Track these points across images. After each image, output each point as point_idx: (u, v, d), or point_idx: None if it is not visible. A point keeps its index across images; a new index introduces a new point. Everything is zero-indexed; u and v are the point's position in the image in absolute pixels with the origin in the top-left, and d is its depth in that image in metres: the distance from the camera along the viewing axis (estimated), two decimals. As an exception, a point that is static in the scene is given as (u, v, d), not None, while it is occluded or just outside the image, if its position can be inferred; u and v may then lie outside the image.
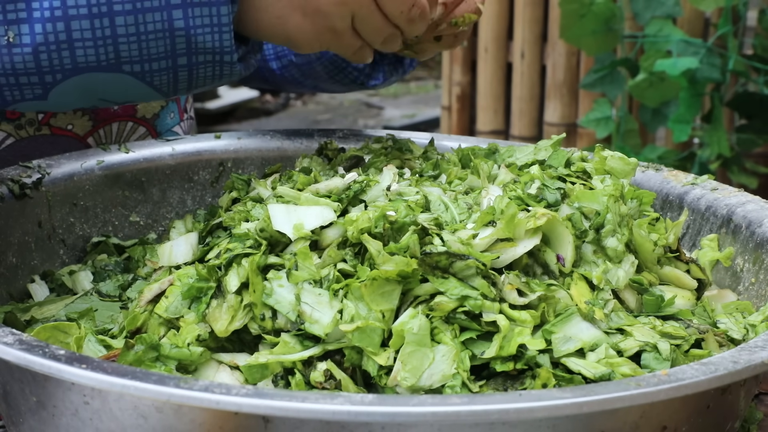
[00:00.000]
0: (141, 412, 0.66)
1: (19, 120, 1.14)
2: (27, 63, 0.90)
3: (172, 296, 0.82)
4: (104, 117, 1.19)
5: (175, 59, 0.92)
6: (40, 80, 0.91)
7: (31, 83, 0.91)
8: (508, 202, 0.82)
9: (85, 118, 1.17)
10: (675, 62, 2.57)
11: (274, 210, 0.83)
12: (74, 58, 0.90)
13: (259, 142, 1.17)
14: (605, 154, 0.96)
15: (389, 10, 0.96)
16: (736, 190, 1.01)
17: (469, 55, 3.58)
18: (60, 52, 0.89)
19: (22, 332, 0.69)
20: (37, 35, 0.88)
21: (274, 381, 0.75)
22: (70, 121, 1.16)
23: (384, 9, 0.96)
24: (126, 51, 0.90)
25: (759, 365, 0.67)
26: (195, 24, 0.90)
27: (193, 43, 0.92)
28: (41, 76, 0.90)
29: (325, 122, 6.06)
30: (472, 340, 0.75)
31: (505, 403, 0.61)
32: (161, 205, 1.12)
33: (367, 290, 0.75)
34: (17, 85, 0.91)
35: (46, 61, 0.90)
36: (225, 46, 0.92)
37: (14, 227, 0.98)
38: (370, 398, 0.61)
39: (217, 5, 0.90)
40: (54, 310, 0.91)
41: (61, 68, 0.90)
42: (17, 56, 0.89)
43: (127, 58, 0.91)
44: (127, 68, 0.92)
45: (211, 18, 0.91)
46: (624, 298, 0.83)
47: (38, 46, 0.89)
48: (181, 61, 0.93)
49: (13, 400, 0.74)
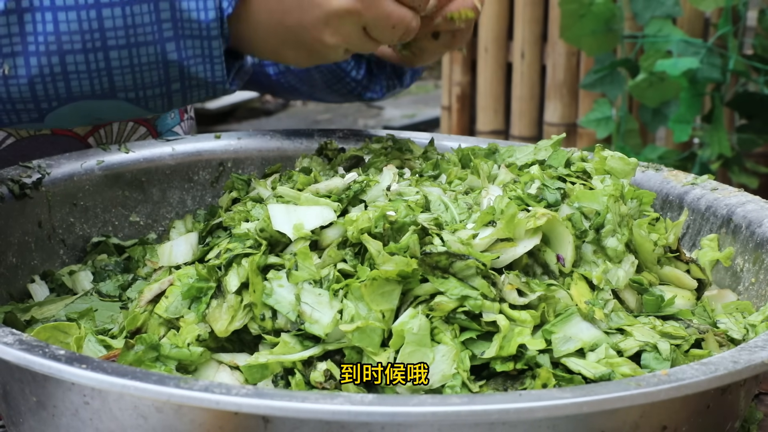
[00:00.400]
0: (141, 412, 0.66)
1: None
2: (23, 93, 0.92)
3: (172, 296, 0.82)
4: None
5: (169, 86, 0.94)
6: (36, 107, 0.93)
7: (27, 109, 0.93)
8: (508, 202, 0.82)
9: None
10: (675, 62, 2.57)
11: (274, 210, 0.83)
12: (69, 89, 0.92)
13: (259, 142, 1.17)
14: (605, 154, 0.96)
15: (377, 35, 0.97)
16: (736, 190, 1.01)
17: (469, 55, 3.58)
18: (55, 83, 0.91)
19: (22, 332, 0.69)
20: (32, 68, 0.90)
21: (274, 381, 0.75)
22: None
23: (372, 34, 0.97)
24: (120, 81, 0.92)
25: (759, 365, 0.67)
26: (187, 55, 0.92)
27: (186, 72, 0.94)
28: (37, 104, 0.93)
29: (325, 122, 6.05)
30: (472, 340, 0.75)
31: (505, 403, 0.61)
32: (161, 205, 1.12)
33: (367, 290, 0.75)
34: (14, 110, 0.94)
35: (41, 92, 0.91)
36: (217, 77, 0.95)
37: (14, 227, 0.98)
38: (370, 398, 0.61)
39: (208, 39, 0.92)
40: (54, 310, 0.91)
41: (56, 97, 0.92)
42: (13, 87, 0.91)
43: (122, 88, 0.93)
44: (122, 95, 0.94)
45: (203, 50, 0.92)
46: (624, 298, 0.83)
47: (33, 78, 0.91)
48: (174, 87, 0.95)
49: (13, 400, 0.73)
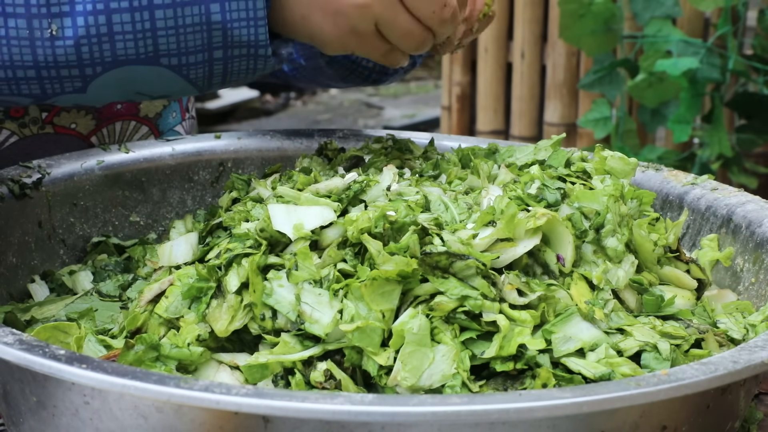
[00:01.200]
0: (141, 412, 0.66)
1: (22, 118, 1.14)
2: (69, 55, 0.91)
3: (172, 296, 0.82)
4: (107, 116, 1.19)
5: (212, 52, 0.94)
6: (80, 73, 0.92)
7: (71, 76, 0.92)
8: (508, 202, 0.82)
9: (88, 117, 1.18)
10: (675, 62, 2.57)
11: (274, 210, 0.83)
12: (114, 51, 0.91)
13: (259, 142, 1.17)
14: (605, 154, 0.96)
15: (420, 12, 0.95)
16: (736, 190, 1.01)
17: (469, 55, 3.58)
18: (101, 44, 0.91)
19: (22, 332, 0.69)
20: (79, 28, 0.90)
21: (274, 381, 0.75)
22: (74, 120, 1.17)
23: (414, 11, 0.95)
24: (164, 44, 0.92)
25: (759, 365, 0.67)
26: (231, 18, 0.92)
27: (229, 36, 0.93)
28: (82, 68, 0.92)
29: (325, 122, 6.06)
30: (472, 340, 0.75)
31: (505, 403, 0.61)
32: (161, 205, 1.12)
33: (367, 290, 0.75)
34: (58, 78, 0.92)
35: (87, 54, 0.91)
36: (260, 40, 0.94)
37: (14, 227, 0.98)
38: (370, 398, 0.61)
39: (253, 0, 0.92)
40: (54, 310, 0.91)
41: (101, 61, 0.92)
42: (59, 49, 0.90)
43: (165, 51, 0.92)
44: (164, 61, 0.93)
45: (247, 12, 0.92)
46: (624, 298, 0.83)
47: (80, 39, 0.90)
48: (216, 55, 0.94)
49: (13, 400, 0.74)
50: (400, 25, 0.95)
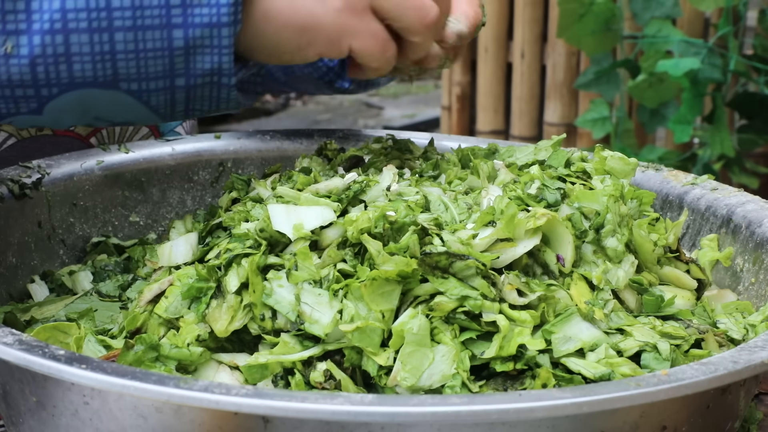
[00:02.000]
0: (141, 412, 0.66)
1: None
2: (23, 75, 0.88)
3: (172, 296, 0.82)
4: None
5: (173, 79, 0.91)
6: (35, 93, 0.89)
7: (26, 96, 0.89)
8: (508, 202, 0.82)
9: None
10: (677, 63, 2.56)
11: (274, 210, 0.83)
12: (71, 72, 0.88)
13: (259, 142, 1.17)
14: (605, 155, 0.96)
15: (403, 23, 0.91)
16: (735, 190, 1.01)
17: (469, 55, 3.58)
18: (57, 65, 0.88)
19: (22, 332, 0.69)
20: (35, 47, 0.87)
21: (274, 381, 0.75)
22: None
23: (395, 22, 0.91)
24: (124, 68, 0.89)
25: (759, 365, 0.67)
26: (195, 44, 0.89)
27: (191, 63, 0.90)
28: (37, 89, 0.89)
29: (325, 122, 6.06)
30: (472, 340, 0.75)
31: (505, 403, 0.61)
32: (161, 205, 1.12)
33: (367, 290, 0.75)
34: (12, 97, 0.90)
35: (42, 74, 0.88)
36: (224, 68, 0.91)
37: (14, 227, 0.98)
38: (369, 398, 0.61)
39: (218, 27, 0.88)
40: (54, 311, 0.91)
41: (57, 82, 0.89)
42: (14, 67, 0.87)
43: (125, 76, 0.89)
44: (124, 86, 0.90)
45: (211, 39, 0.89)
46: (624, 298, 0.83)
47: (35, 58, 0.87)
48: (178, 82, 0.91)
49: (13, 401, 0.73)
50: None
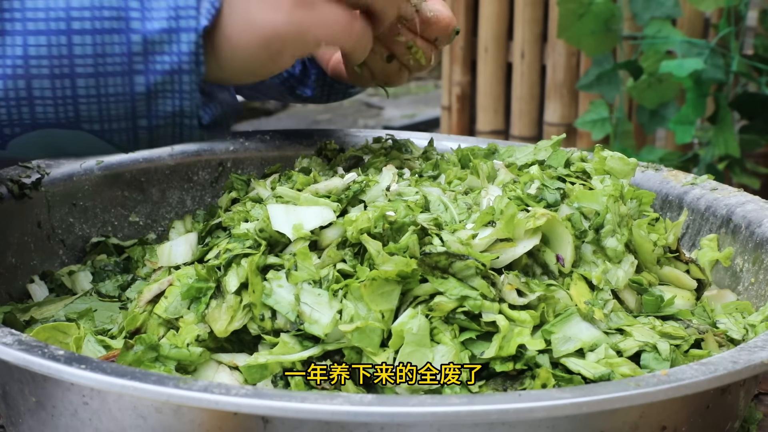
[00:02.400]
0: (140, 412, 0.66)
1: None
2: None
3: (172, 296, 0.82)
4: None
5: (135, 121, 0.92)
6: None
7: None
8: (508, 203, 0.82)
9: None
10: (681, 63, 2.56)
11: (274, 210, 0.83)
12: (33, 115, 0.90)
13: (258, 142, 1.17)
14: (605, 155, 0.96)
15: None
16: (735, 190, 1.01)
17: (469, 55, 3.58)
18: (20, 108, 0.89)
19: (22, 332, 0.69)
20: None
21: (274, 381, 0.75)
22: None
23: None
24: (86, 111, 0.90)
25: (758, 365, 0.67)
26: (157, 90, 0.90)
27: (153, 107, 0.91)
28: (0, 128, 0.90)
29: (325, 122, 6.05)
30: (471, 341, 0.75)
31: (504, 403, 0.61)
32: (161, 205, 1.12)
33: (367, 290, 0.75)
34: None
35: (5, 115, 0.89)
36: (186, 112, 0.91)
37: (14, 227, 0.98)
38: (369, 398, 0.61)
39: (179, 74, 0.89)
40: (53, 311, 0.91)
41: (20, 122, 0.90)
42: None
43: (87, 118, 0.90)
44: (86, 126, 0.91)
45: (173, 85, 0.90)
46: (623, 299, 0.83)
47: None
48: (141, 123, 0.92)
49: (13, 401, 0.73)
50: None
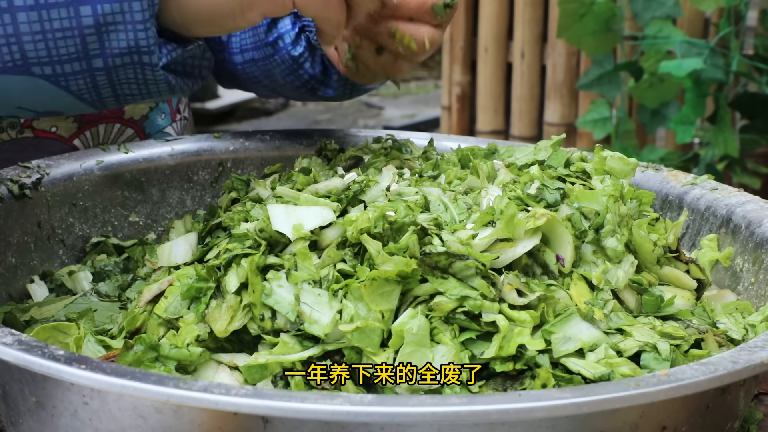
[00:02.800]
0: (140, 412, 0.66)
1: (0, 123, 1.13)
2: None
3: (172, 296, 0.82)
4: (90, 119, 1.18)
5: (89, 61, 0.85)
6: None
7: None
8: (508, 203, 0.82)
9: (69, 120, 1.16)
10: (680, 63, 2.56)
11: (274, 210, 0.83)
12: None
13: (258, 142, 1.17)
14: (605, 155, 0.96)
15: None
16: (735, 190, 1.01)
17: (469, 55, 3.58)
18: None
19: (22, 332, 0.69)
20: None
21: (274, 381, 0.75)
22: (54, 123, 1.15)
23: None
24: (32, 50, 0.83)
25: (758, 365, 0.67)
26: (106, 21, 0.82)
27: (106, 42, 0.84)
28: None
29: (325, 122, 6.06)
30: (471, 341, 0.75)
31: (504, 403, 0.61)
32: (161, 205, 1.12)
33: (367, 290, 0.75)
34: None
35: None
36: (141, 45, 0.84)
37: (13, 227, 0.98)
38: (369, 398, 0.61)
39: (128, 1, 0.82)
40: (53, 311, 0.91)
41: None
42: None
43: (35, 59, 0.84)
44: (36, 70, 0.84)
45: (123, 15, 0.82)
46: (623, 299, 0.83)
47: None
48: (96, 64, 0.85)
49: (13, 401, 0.73)
50: None
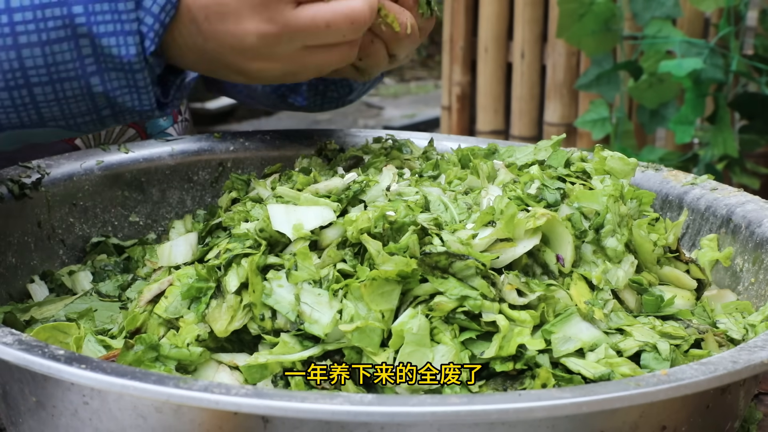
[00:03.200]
0: (140, 412, 0.66)
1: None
2: None
3: (172, 296, 0.82)
4: None
5: (99, 113, 0.94)
6: None
7: None
8: (508, 202, 0.82)
9: None
10: (680, 63, 2.56)
11: (274, 210, 0.83)
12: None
13: (258, 142, 1.17)
14: (605, 155, 0.96)
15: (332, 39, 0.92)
16: (735, 190, 1.01)
17: (469, 55, 3.58)
18: None
19: (22, 332, 0.69)
20: None
21: (274, 381, 0.75)
22: None
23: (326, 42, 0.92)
24: (48, 113, 0.92)
25: (758, 365, 0.67)
26: (113, 87, 0.92)
27: (114, 104, 0.93)
28: None
29: (325, 122, 6.05)
30: (471, 340, 0.75)
31: (504, 403, 0.61)
32: (161, 205, 1.12)
33: (367, 290, 0.75)
34: None
35: None
36: (145, 106, 0.94)
37: (14, 227, 0.98)
38: (369, 398, 0.61)
39: (132, 72, 0.91)
40: (53, 311, 0.91)
41: None
42: None
43: (51, 118, 0.93)
44: (52, 124, 0.94)
45: (128, 81, 0.91)
46: (624, 298, 0.83)
47: None
48: (105, 113, 0.94)
49: (13, 401, 0.73)
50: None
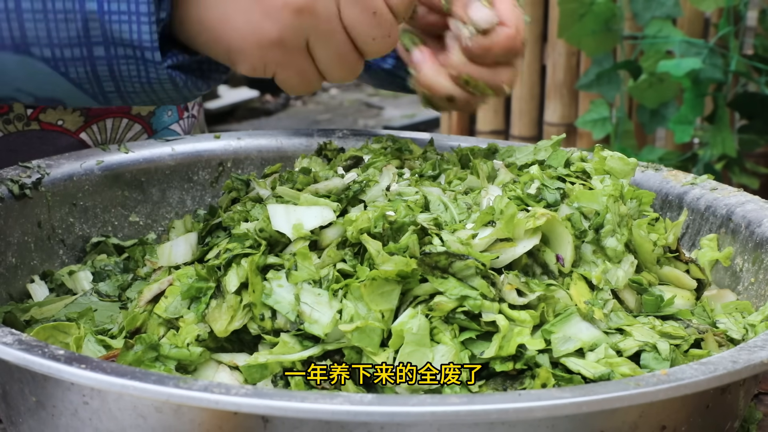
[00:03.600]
0: (140, 412, 0.66)
1: (7, 115, 1.13)
2: None
3: (172, 296, 0.82)
4: (97, 113, 1.18)
5: (90, 48, 0.82)
6: None
7: None
8: (508, 202, 0.82)
9: (75, 114, 1.17)
10: (679, 63, 2.56)
11: (274, 210, 0.83)
12: None
13: (259, 142, 1.17)
14: (605, 154, 0.96)
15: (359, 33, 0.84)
16: (735, 189, 1.01)
17: (469, 55, 3.58)
18: None
19: (22, 332, 0.69)
20: None
21: (274, 381, 0.75)
22: (61, 117, 1.16)
23: (351, 31, 0.84)
24: (32, 29, 0.81)
25: (758, 365, 0.67)
26: (110, 9, 0.81)
27: (108, 30, 0.81)
28: None
29: (325, 122, 6.05)
30: (471, 340, 0.75)
31: (504, 403, 0.61)
32: (161, 205, 1.12)
33: (367, 290, 0.75)
34: None
35: None
36: (144, 40, 0.81)
37: (14, 227, 0.98)
38: (369, 398, 0.61)
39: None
40: (53, 311, 0.91)
41: None
42: None
43: (35, 39, 0.82)
44: (36, 51, 0.82)
45: (128, 4, 0.81)
46: (623, 298, 0.83)
47: None
48: (97, 52, 0.83)
49: (13, 400, 0.74)
50: (336, 44, 0.85)
